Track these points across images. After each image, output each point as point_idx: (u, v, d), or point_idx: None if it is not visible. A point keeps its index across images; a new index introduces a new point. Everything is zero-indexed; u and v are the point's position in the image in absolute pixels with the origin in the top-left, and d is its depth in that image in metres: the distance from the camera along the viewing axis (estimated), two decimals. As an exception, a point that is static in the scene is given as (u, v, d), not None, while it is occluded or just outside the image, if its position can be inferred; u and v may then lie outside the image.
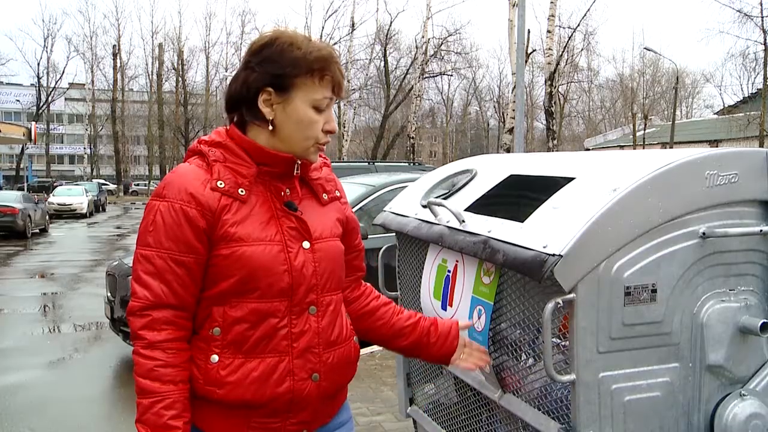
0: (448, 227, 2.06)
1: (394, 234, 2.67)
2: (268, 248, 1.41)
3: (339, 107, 35.58)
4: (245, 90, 1.45)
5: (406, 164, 11.54)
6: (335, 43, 36.19)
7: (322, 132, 1.48)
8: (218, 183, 1.42)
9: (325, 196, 1.58)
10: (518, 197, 2.56)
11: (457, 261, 2.08)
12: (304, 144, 1.47)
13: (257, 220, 1.43)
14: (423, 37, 31.73)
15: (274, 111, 1.45)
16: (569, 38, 29.82)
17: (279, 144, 1.47)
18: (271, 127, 1.46)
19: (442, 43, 35.68)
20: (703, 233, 1.69)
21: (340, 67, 1.48)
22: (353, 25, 34.20)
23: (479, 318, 1.93)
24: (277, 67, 1.42)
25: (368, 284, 1.79)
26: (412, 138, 30.84)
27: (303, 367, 1.44)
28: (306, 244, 1.47)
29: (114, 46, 47.26)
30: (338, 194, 1.63)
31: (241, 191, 1.43)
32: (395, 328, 1.70)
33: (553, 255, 1.54)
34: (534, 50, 27.07)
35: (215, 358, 1.40)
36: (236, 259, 1.39)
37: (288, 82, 1.43)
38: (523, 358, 1.86)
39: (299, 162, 1.51)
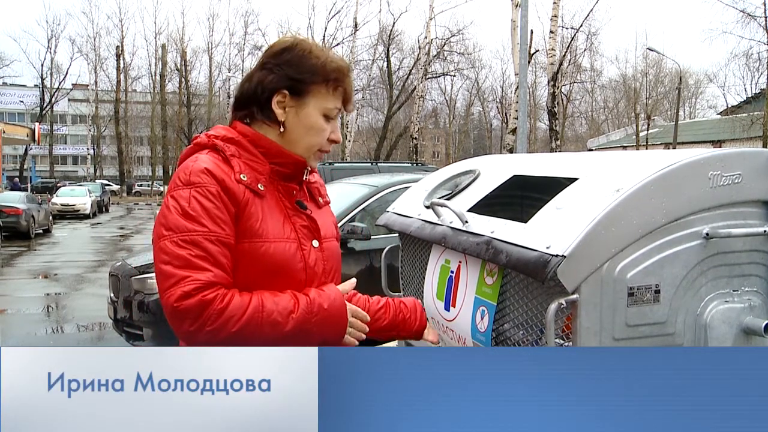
0: (451, 228, 2.06)
1: (397, 235, 2.67)
2: (287, 245, 1.43)
3: (342, 108, 35.45)
4: (260, 90, 1.47)
5: (409, 165, 11.51)
6: (338, 44, 36.21)
7: (327, 140, 1.52)
8: (241, 176, 1.42)
9: (320, 200, 1.63)
10: (521, 198, 2.57)
11: (460, 261, 2.08)
12: (309, 149, 1.51)
13: (274, 218, 1.44)
14: (426, 37, 31.67)
15: (287, 113, 1.48)
16: (572, 39, 29.86)
17: (285, 145, 1.50)
18: (282, 129, 1.48)
19: (445, 44, 35.68)
20: (707, 234, 1.68)
21: (351, 81, 1.54)
22: (356, 25, 34.13)
23: (482, 319, 1.93)
24: (296, 71, 1.46)
25: None
26: (415, 138, 30.80)
27: None
28: (315, 243, 1.50)
29: (117, 47, 47.26)
30: (329, 199, 1.69)
31: (261, 186, 1.44)
32: (371, 312, 1.67)
33: (557, 256, 1.54)
34: (537, 51, 27.11)
35: None
36: (260, 255, 1.39)
37: (304, 88, 1.47)
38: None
39: (309, 167, 1.54)
